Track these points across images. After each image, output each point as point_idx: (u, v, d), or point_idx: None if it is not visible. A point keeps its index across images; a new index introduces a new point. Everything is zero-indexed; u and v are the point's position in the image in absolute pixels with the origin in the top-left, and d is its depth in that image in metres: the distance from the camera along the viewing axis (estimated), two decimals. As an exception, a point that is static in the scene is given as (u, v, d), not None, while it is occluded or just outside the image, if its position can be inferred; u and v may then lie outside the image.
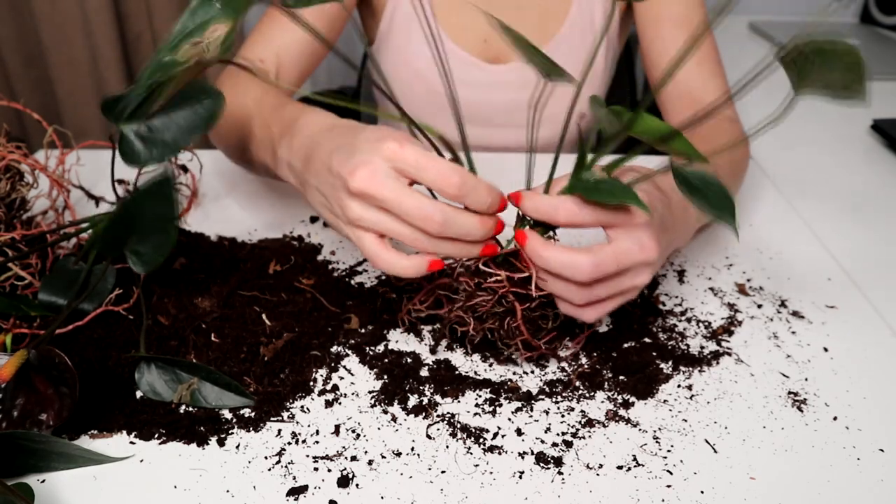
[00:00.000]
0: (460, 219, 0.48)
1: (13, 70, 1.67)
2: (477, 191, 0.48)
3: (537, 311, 0.53)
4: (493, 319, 0.53)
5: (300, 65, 0.83)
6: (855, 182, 0.87)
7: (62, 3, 1.57)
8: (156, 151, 0.55)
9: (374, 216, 0.49)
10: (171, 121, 0.56)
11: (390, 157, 0.48)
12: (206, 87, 0.56)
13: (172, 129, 0.55)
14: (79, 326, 0.57)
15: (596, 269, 0.48)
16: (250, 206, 0.79)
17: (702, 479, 0.46)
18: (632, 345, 0.58)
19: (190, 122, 0.55)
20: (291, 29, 0.81)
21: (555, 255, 0.49)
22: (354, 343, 0.58)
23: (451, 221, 0.48)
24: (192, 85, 0.56)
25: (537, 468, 0.47)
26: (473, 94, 0.97)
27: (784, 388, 0.54)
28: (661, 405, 0.52)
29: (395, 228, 0.49)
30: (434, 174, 0.47)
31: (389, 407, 0.52)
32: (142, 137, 0.55)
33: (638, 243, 0.49)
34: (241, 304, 0.61)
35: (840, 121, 1.04)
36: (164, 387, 0.52)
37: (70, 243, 0.65)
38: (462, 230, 0.48)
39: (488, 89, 0.96)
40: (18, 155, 0.62)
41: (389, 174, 0.48)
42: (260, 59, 0.80)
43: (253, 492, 0.45)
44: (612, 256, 0.48)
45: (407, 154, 0.47)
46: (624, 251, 0.49)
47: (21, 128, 1.73)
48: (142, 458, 0.48)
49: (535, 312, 0.53)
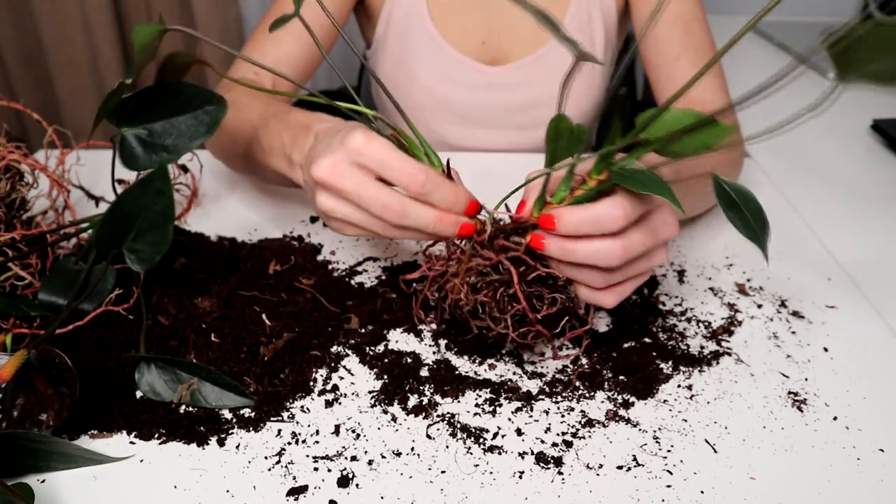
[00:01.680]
0: (419, 211, 0.49)
1: (13, 70, 1.67)
2: (441, 189, 0.49)
3: (533, 286, 0.51)
4: (487, 290, 0.51)
5: (297, 73, 0.85)
6: (855, 182, 0.87)
7: (62, 3, 1.57)
8: (156, 157, 0.55)
9: (341, 207, 0.51)
10: (172, 126, 0.56)
11: (355, 150, 0.49)
12: (209, 94, 0.56)
13: (174, 134, 0.56)
14: (79, 326, 0.57)
15: (626, 252, 0.48)
16: (250, 206, 0.79)
17: (702, 479, 0.46)
18: (632, 345, 0.58)
19: (192, 128, 0.56)
20: (284, 41, 0.83)
21: (583, 246, 0.48)
22: (354, 343, 0.58)
23: (410, 212, 0.49)
24: (195, 92, 0.56)
25: (537, 468, 0.47)
26: (472, 96, 0.97)
27: (784, 388, 0.54)
28: (661, 405, 0.52)
29: (359, 218, 0.51)
30: (397, 171, 0.49)
31: (389, 407, 0.52)
32: (142, 142, 0.55)
33: (663, 222, 0.49)
34: (241, 304, 0.61)
35: (840, 121, 1.04)
36: (164, 387, 0.52)
37: (70, 243, 0.65)
38: (420, 222, 0.50)
39: (487, 91, 0.96)
40: (18, 155, 0.62)
41: (352, 167, 0.49)
42: (254, 73, 0.82)
43: (253, 492, 0.45)
44: (640, 239, 0.48)
45: (372, 149, 0.49)
46: (652, 230, 0.49)
47: (21, 128, 1.73)
48: (142, 458, 0.48)
49: (531, 288, 0.51)
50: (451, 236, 0.51)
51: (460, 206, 0.50)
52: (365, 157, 0.49)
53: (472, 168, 0.88)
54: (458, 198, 0.50)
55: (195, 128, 0.56)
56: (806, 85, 0.46)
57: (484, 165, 0.89)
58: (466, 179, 0.54)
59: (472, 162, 0.91)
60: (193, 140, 0.56)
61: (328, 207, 0.51)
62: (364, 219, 0.51)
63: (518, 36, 0.94)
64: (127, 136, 0.56)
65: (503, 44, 0.95)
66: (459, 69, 0.95)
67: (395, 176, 0.49)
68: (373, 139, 0.49)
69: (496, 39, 0.94)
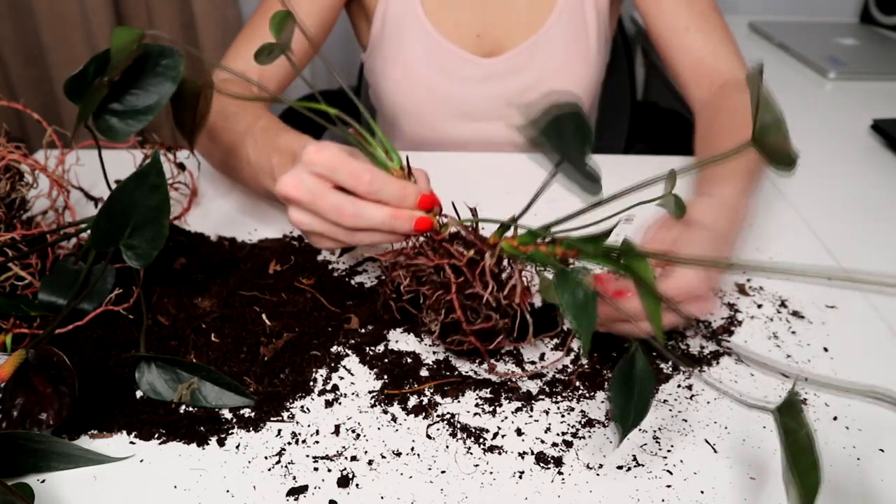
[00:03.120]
0: (371, 210, 0.51)
1: (13, 70, 1.67)
2: (388, 186, 0.51)
3: (471, 301, 0.51)
4: (429, 287, 0.52)
5: (281, 74, 0.86)
6: (855, 182, 0.87)
7: (62, 3, 1.57)
8: (132, 122, 0.57)
9: (307, 219, 0.53)
10: (138, 89, 0.57)
11: (308, 161, 0.51)
12: (161, 49, 0.58)
13: (142, 95, 0.57)
14: (78, 326, 0.57)
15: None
16: (250, 206, 0.79)
17: (702, 479, 0.46)
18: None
19: (158, 84, 0.58)
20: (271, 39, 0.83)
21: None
22: (354, 343, 0.58)
23: (363, 213, 0.51)
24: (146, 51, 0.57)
25: (537, 468, 0.47)
26: (470, 89, 0.97)
27: (784, 388, 0.54)
28: (661, 405, 0.52)
29: (321, 227, 0.53)
30: (345, 174, 0.51)
31: (389, 407, 0.52)
32: (116, 113, 0.57)
33: None
34: (241, 304, 0.61)
35: (840, 121, 1.04)
36: (164, 386, 0.52)
37: (70, 243, 0.65)
38: (374, 220, 0.51)
39: (484, 83, 0.97)
40: (18, 155, 0.62)
41: (310, 177, 0.51)
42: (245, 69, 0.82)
43: (253, 492, 0.45)
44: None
45: (321, 157, 0.51)
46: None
47: (21, 128, 1.73)
48: (142, 458, 0.48)
49: (469, 301, 0.51)
50: (409, 231, 0.52)
51: (410, 201, 0.51)
52: (317, 165, 0.51)
53: (471, 168, 0.88)
54: (406, 192, 0.51)
55: (160, 83, 0.58)
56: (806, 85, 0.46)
57: (482, 164, 0.89)
58: (464, 179, 0.54)
59: (471, 162, 0.91)
60: (162, 94, 0.58)
61: (297, 220, 0.53)
62: (327, 227, 0.53)
63: (512, 25, 0.95)
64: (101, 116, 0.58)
65: (498, 35, 0.95)
66: (457, 63, 0.96)
67: (344, 178, 0.51)
68: (323, 148, 0.51)
69: (491, 31, 0.95)
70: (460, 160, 0.93)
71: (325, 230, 0.53)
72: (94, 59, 0.56)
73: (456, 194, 0.61)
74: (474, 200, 0.72)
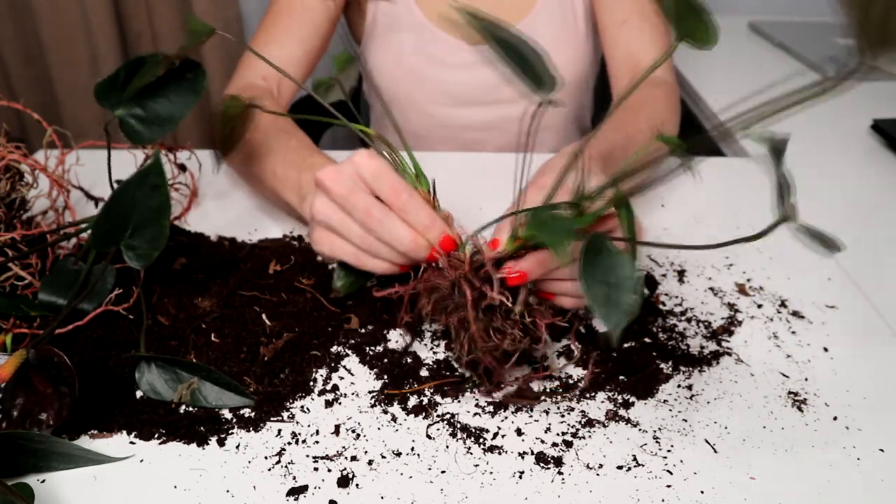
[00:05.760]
0: (396, 224, 0.53)
1: (13, 70, 1.67)
2: (420, 211, 0.53)
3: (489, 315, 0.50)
4: (455, 316, 0.50)
5: (299, 73, 0.89)
6: (855, 182, 0.87)
7: (62, 3, 1.57)
8: (156, 128, 0.59)
9: (331, 210, 0.54)
10: (163, 98, 0.60)
11: (358, 162, 0.54)
12: (187, 62, 0.60)
13: (166, 105, 0.60)
14: (79, 326, 0.57)
15: None
16: (250, 206, 0.79)
17: (702, 479, 0.46)
18: (632, 345, 0.58)
19: (182, 95, 0.60)
20: (285, 43, 0.88)
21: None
22: (354, 343, 0.58)
23: (388, 223, 0.53)
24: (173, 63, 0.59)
25: (537, 468, 0.47)
26: (463, 75, 1.00)
27: (784, 388, 0.54)
28: (661, 405, 0.52)
29: (340, 223, 0.54)
30: (387, 186, 0.53)
31: (389, 407, 0.52)
32: (139, 118, 0.59)
33: None
34: (241, 304, 0.61)
35: (840, 121, 1.04)
36: (164, 386, 0.52)
37: (70, 243, 0.65)
38: (394, 236, 0.53)
39: (476, 68, 0.99)
40: (18, 155, 0.62)
41: (352, 177, 0.54)
42: (262, 77, 0.85)
43: (253, 492, 0.45)
44: None
45: (372, 164, 0.53)
46: None
47: (21, 128, 1.73)
48: (142, 458, 0.48)
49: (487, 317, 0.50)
50: (420, 260, 0.54)
51: (434, 234, 0.53)
52: (364, 169, 0.53)
53: (470, 167, 0.88)
54: (434, 224, 0.53)
55: (184, 94, 0.60)
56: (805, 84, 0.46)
57: (478, 166, 0.89)
58: (463, 179, 0.54)
59: (469, 162, 0.91)
60: (186, 106, 0.60)
61: (320, 209, 0.55)
62: (346, 225, 0.54)
63: (503, 10, 0.97)
64: (123, 117, 0.60)
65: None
66: (449, 51, 0.98)
67: (384, 189, 0.53)
68: (375, 157, 0.54)
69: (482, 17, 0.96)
70: (459, 160, 0.93)
71: (343, 228, 0.54)
72: (125, 65, 0.59)
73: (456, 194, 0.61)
74: (477, 202, 0.72)
